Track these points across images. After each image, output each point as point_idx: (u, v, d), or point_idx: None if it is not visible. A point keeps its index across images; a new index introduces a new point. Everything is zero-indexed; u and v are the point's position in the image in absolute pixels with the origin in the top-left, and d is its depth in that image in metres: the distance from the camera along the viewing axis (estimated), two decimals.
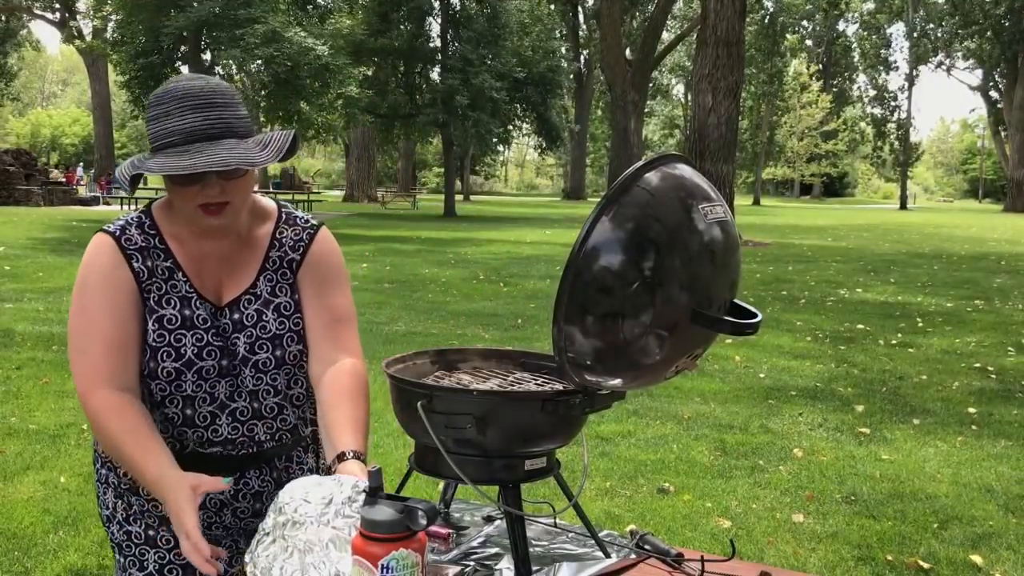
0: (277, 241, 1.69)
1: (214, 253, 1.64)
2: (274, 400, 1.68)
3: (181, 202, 1.55)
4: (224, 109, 1.52)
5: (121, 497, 1.69)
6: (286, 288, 1.68)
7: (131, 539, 1.69)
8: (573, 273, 1.28)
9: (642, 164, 1.33)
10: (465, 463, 1.46)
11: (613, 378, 1.38)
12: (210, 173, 1.50)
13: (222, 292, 1.65)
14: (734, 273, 1.40)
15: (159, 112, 1.51)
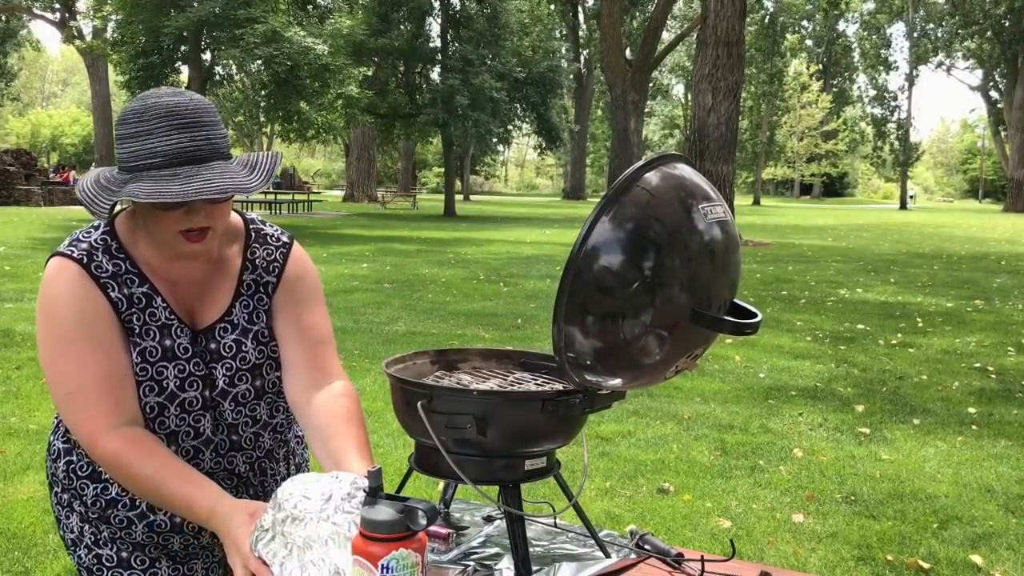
0: (250, 263, 1.60)
1: (187, 277, 1.54)
2: (252, 431, 1.62)
3: (159, 228, 1.44)
4: (211, 129, 1.42)
5: (88, 522, 1.60)
6: (263, 314, 1.59)
7: (102, 563, 1.60)
8: (573, 273, 1.28)
9: (642, 164, 1.33)
10: (465, 463, 1.46)
11: (613, 378, 1.38)
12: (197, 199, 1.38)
13: (196, 318, 1.55)
14: (734, 273, 1.40)
15: (139, 130, 1.39)
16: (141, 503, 1.56)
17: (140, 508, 1.57)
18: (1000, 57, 53.37)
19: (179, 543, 1.61)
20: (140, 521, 1.57)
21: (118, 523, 1.57)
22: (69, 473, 1.60)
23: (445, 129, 29.52)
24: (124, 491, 1.55)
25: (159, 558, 1.61)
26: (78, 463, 1.59)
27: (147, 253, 1.51)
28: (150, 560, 1.60)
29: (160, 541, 1.60)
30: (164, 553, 1.62)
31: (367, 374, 6.54)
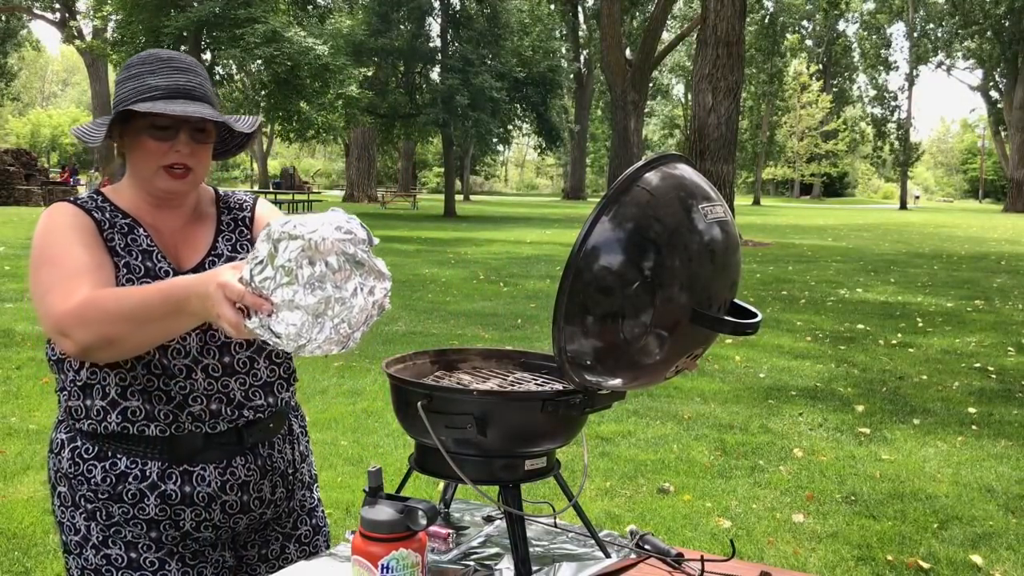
0: (225, 207, 1.75)
1: (170, 225, 1.66)
2: (246, 354, 1.65)
3: (145, 162, 1.57)
4: (204, 80, 1.61)
5: (93, 517, 1.60)
6: (245, 245, 1.71)
7: (111, 563, 1.60)
8: (573, 273, 1.28)
9: (642, 164, 1.33)
10: (465, 463, 1.46)
11: (613, 378, 1.38)
12: (184, 131, 1.55)
13: (181, 261, 1.65)
14: (734, 273, 1.40)
15: (142, 71, 1.57)
16: (152, 473, 1.57)
17: (151, 478, 1.58)
18: (1000, 57, 53.35)
19: (191, 517, 1.60)
20: (152, 492, 1.58)
21: (130, 499, 1.58)
22: (75, 460, 1.61)
23: (445, 129, 29.51)
24: (133, 463, 1.57)
25: (167, 559, 1.61)
26: (83, 447, 1.60)
27: (131, 204, 1.64)
28: (159, 561, 1.60)
29: (172, 516, 1.59)
30: (176, 538, 1.61)
31: (367, 374, 6.54)
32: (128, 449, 1.58)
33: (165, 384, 1.57)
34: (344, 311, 1.21)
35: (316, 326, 1.21)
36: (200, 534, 1.63)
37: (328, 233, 1.20)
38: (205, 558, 1.65)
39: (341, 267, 1.21)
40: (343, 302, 1.21)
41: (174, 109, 1.51)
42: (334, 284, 1.20)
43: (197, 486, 1.59)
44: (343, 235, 1.22)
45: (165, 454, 1.58)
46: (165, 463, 1.58)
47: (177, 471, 1.59)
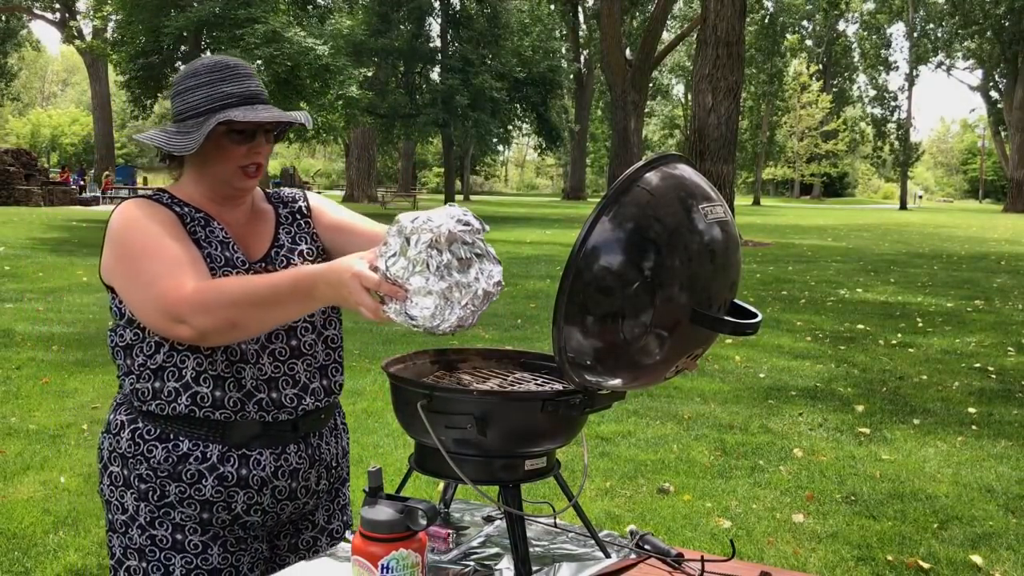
0: (279, 202, 1.84)
1: (234, 220, 1.75)
2: (311, 336, 1.74)
3: (223, 165, 1.66)
4: (261, 84, 1.72)
5: (145, 497, 1.66)
6: (305, 237, 1.80)
7: (155, 543, 1.66)
8: (573, 273, 1.28)
9: (642, 164, 1.33)
10: (465, 463, 1.46)
11: (613, 378, 1.38)
12: (260, 133, 1.66)
13: (250, 252, 1.73)
14: (734, 273, 1.40)
15: (215, 78, 1.65)
16: (212, 456, 1.64)
17: (211, 460, 1.64)
18: (1000, 57, 53.35)
19: (243, 500, 1.67)
20: (210, 474, 1.64)
21: (188, 478, 1.64)
22: (135, 440, 1.67)
23: (445, 129, 29.53)
24: (195, 445, 1.64)
25: (210, 544, 1.67)
26: (144, 428, 1.67)
27: (196, 201, 1.71)
28: (202, 544, 1.66)
29: (227, 497, 1.66)
30: (224, 521, 1.67)
31: (367, 374, 6.54)
32: (191, 432, 1.64)
33: (239, 371, 1.65)
34: (469, 294, 1.37)
35: (447, 308, 1.37)
36: (249, 518, 1.70)
37: (451, 226, 1.36)
38: (244, 547, 1.72)
39: (464, 255, 1.37)
40: (468, 286, 1.37)
41: (267, 116, 1.62)
42: (459, 270, 1.36)
43: (253, 470, 1.67)
44: (463, 227, 1.38)
45: (225, 438, 1.65)
46: (225, 446, 1.65)
47: (235, 454, 1.66)
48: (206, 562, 1.66)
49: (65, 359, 6.97)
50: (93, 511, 3.97)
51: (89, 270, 12.46)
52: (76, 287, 10.87)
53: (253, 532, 1.73)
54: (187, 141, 1.61)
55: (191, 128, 1.63)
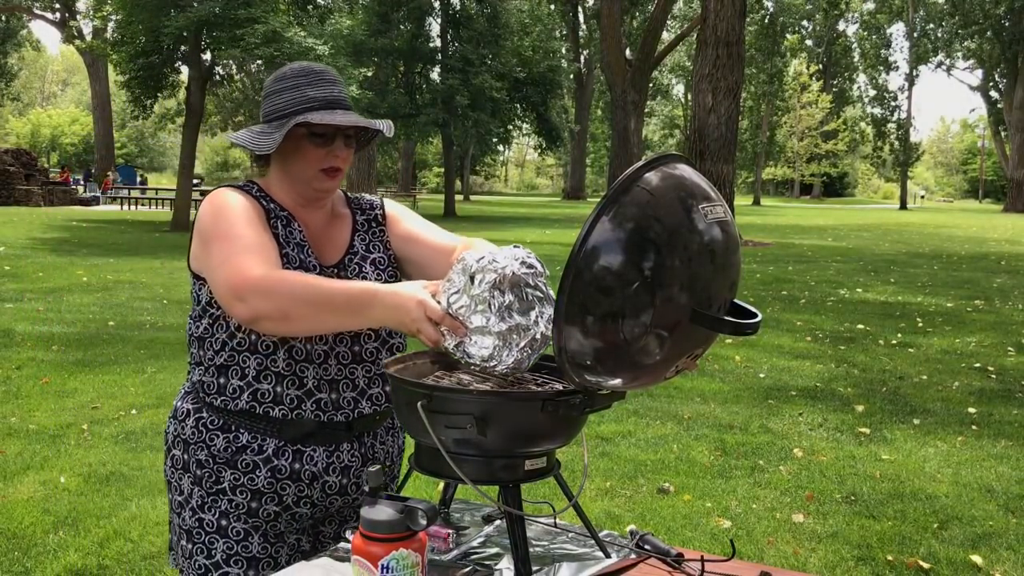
0: (358, 209, 1.90)
1: (314, 223, 1.81)
2: (373, 344, 1.79)
3: (304, 166, 1.74)
4: (345, 90, 1.79)
5: (200, 482, 1.75)
6: (378, 245, 1.86)
7: (202, 527, 1.76)
8: (573, 273, 1.28)
9: (642, 164, 1.33)
10: (465, 463, 1.46)
11: (613, 378, 1.38)
12: (339, 137, 1.73)
13: (324, 257, 1.80)
14: (734, 273, 1.40)
15: (300, 82, 1.73)
16: (268, 449, 1.72)
17: (267, 453, 1.73)
18: (1000, 57, 53.33)
19: (294, 492, 1.74)
20: (264, 465, 1.73)
21: (243, 467, 1.73)
22: (198, 428, 1.76)
23: (445, 129, 29.51)
24: (254, 438, 1.72)
25: (252, 532, 1.75)
26: (208, 418, 1.76)
27: (282, 200, 1.79)
28: (244, 532, 1.75)
29: (278, 489, 1.73)
30: (272, 513, 1.75)
31: None
32: (251, 426, 1.73)
33: (302, 370, 1.72)
34: (527, 337, 1.42)
35: (505, 349, 1.42)
36: (298, 509, 1.77)
37: (515, 268, 1.41)
38: (284, 540, 1.79)
39: (525, 298, 1.42)
40: (527, 329, 1.42)
41: (344, 120, 1.69)
42: (520, 312, 1.42)
43: (305, 465, 1.74)
44: (527, 269, 1.43)
45: (282, 434, 1.73)
46: (281, 441, 1.73)
47: (290, 449, 1.73)
48: (246, 549, 1.75)
49: (65, 359, 6.97)
50: (93, 511, 3.97)
51: (89, 270, 12.47)
52: (76, 287, 10.87)
53: (298, 524, 1.81)
54: (268, 141, 1.70)
55: (273, 129, 1.72)
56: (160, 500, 4.13)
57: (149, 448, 4.86)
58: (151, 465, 4.59)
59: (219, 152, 69.74)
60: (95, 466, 4.55)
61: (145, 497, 4.15)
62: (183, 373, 6.58)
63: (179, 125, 25.60)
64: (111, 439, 5.01)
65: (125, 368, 6.70)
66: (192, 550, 1.77)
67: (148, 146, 72.05)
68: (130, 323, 8.60)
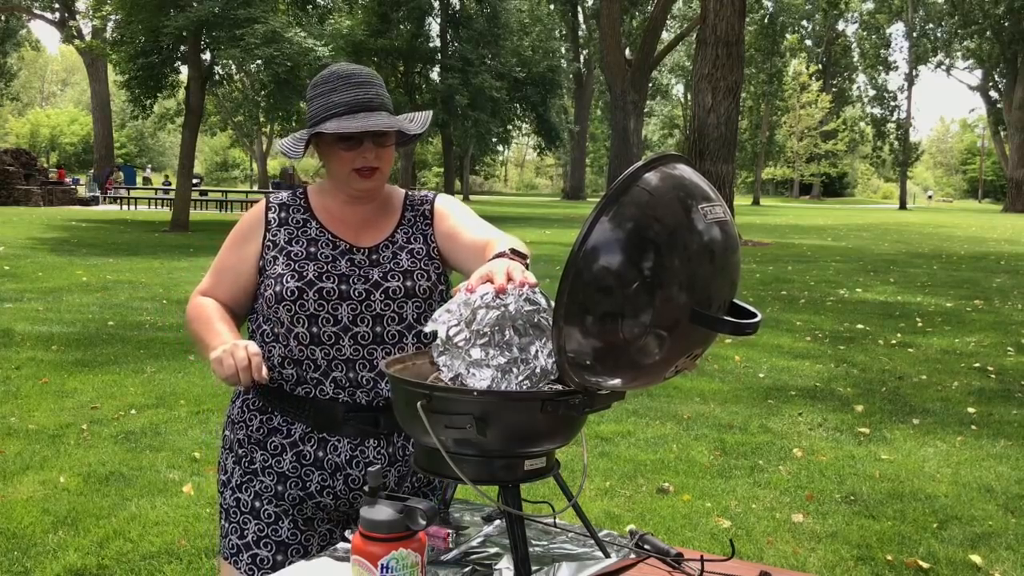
0: (409, 205, 1.98)
1: (356, 215, 1.92)
2: (396, 327, 1.84)
3: (339, 167, 1.84)
4: (380, 88, 1.85)
5: (239, 461, 1.87)
6: (419, 237, 1.93)
7: (239, 506, 1.86)
8: (573, 273, 1.28)
9: (642, 164, 1.33)
10: (465, 463, 1.46)
11: (613, 378, 1.38)
12: (367, 139, 1.80)
13: (360, 241, 1.90)
14: (734, 273, 1.40)
15: (326, 89, 1.82)
16: (295, 433, 1.83)
17: (293, 437, 1.83)
18: (999, 57, 53.34)
19: (317, 480, 1.81)
20: (291, 449, 1.83)
21: (272, 449, 1.84)
22: (243, 408, 1.90)
23: (445, 129, 29.53)
24: (285, 421, 1.84)
25: (282, 517, 1.84)
26: (252, 399, 1.90)
27: (326, 201, 1.93)
28: (275, 515, 1.84)
29: (302, 475, 1.82)
30: (297, 497, 1.83)
31: None
32: (284, 408, 1.84)
33: (312, 352, 1.80)
34: (527, 370, 1.43)
35: (504, 382, 1.43)
36: (322, 499, 1.83)
37: (519, 306, 1.43)
38: (314, 529, 1.86)
39: (526, 332, 1.43)
40: (526, 362, 1.43)
41: (350, 126, 1.76)
42: (520, 347, 1.43)
43: (329, 454, 1.81)
44: (530, 307, 1.44)
45: (311, 419, 1.81)
46: (309, 427, 1.82)
47: (316, 436, 1.82)
48: (276, 533, 1.84)
49: (65, 359, 6.97)
50: (92, 511, 3.97)
51: (89, 270, 12.47)
52: (76, 287, 10.87)
53: (326, 514, 1.86)
54: (297, 149, 1.83)
55: (304, 136, 1.83)
56: (159, 500, 4.13)
57: (148, 448, 4.86)
58: (151, 465, 4.59)
59: (219, 152, 69.74)
60: (95, 466, 4.55)
61: (144, 497, 4.15)
62: (183, 373, 6.60)
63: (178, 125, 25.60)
64: (111, 439, 5.01)
65: (124, 368, 6.70)
66: (228, 529, 1.87)
67: (148, 146, 72.05)
68: (129, 323, 8.60)
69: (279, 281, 1.81)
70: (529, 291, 1.46)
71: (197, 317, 1.87)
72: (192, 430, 5.15)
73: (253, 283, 1.89)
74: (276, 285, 1.81)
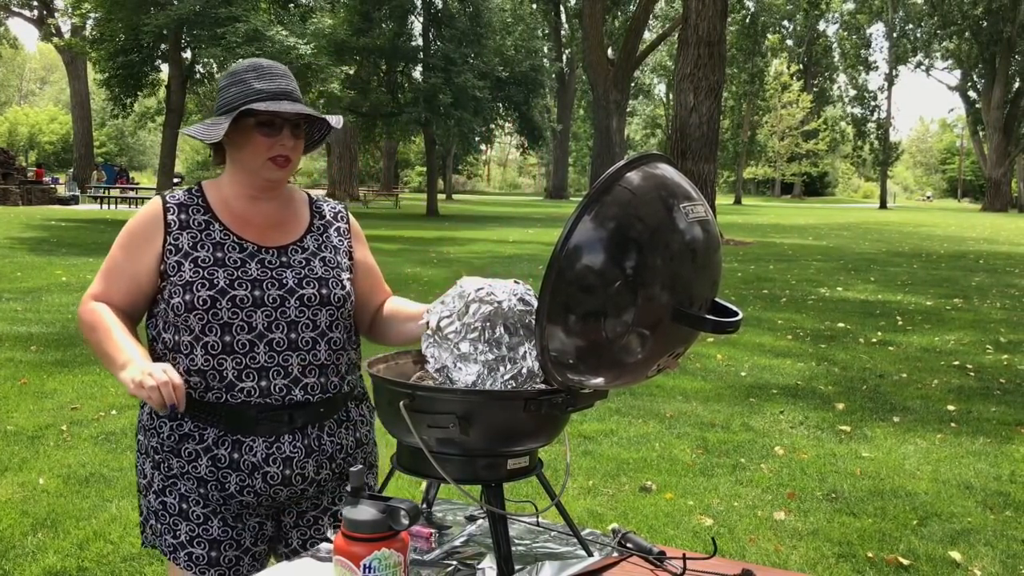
0: (317, 212, 1.97)
1: (259, 213, 1.89)
2: (311, 334, 1.82)
3: (253, 154, 1.82)
4: (295, 84, 1.88)
5: (158, 467, 1.85)
6: (329, 246, 1.93)
7: (166, 509, 1.84)
8: (555, 272, 1.28)
9: (624, 163, 1.34)
10: (447, 462, 1.45)
11: (595, 377, 1.38)
12: (286, 127, 1.81)
13: (266, 241, 1.87)
14: (715, 272, 1.41)
15: (247, 76, 1.82)
16: (208, 438, 1.81)
17: (207, 442, 1.80)
18: (978, 58, 53.75)
19: (235, 481, 1.80)
20: (205, 455, 1.81)
21: (187, 456, 1.82)
22: (152, 414, 1.87)
23: (427, 128, 29.46)
24: (195, 427, 1.81)
25: (211, 516, 1.83)
26: None
27: (227, 197, 1.89)
28: (203, 516, 1.83)
29: (220, 478, 1.80)
30: (220, 499, 1.82)
31: None
32: (193, 415, 1.80)
33: (220, 363, 1.78)
34: (514, 370, 1.45)
35: (490, 379, 1.44)
36: (243, 497, 1.82)
37: (511, 303, 1.44)
38: (244, 522, 1.85)
39: (516, 332, 1.44)
40: (514, 361, 1.45)
41: (287, 108, 1.76)
42: (509, 346, 1.44)
43: (244, 455, 1.79)
44: (523, 307, 1.45)
45: (222, 423, 1.79)
46: (221, 431, 1.80)
47: (230, 439, 1.79)
48: (207, 532, 1.83)
49: (44, 359, 6.91)
50: (72, 512, 3.94)
51: (68, 270, 12.36)
52: (55, 287, 10.78)
53: (251, 510, 1.86)
54: (217, 131, 1.77)
55: (222, 120, 1.79)
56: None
57: (129, 449, 4.83)
58: (131, 466, 4.56)
59: (199, 151, 69.32)
60: (74, 467, 4.52)
61: (125, 498, 4.12)
62: None
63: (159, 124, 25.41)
64: (90, 440, 4.97)
65: (104, 369, 6.64)
66: (160, 529, 1.86)
67: (128, 145, 71.53)
68: None
69: (188, 290, 1.77)
70: (523, 290, 1.47)
71: (95, 326, 1.81)
72: None
73: (153, 287, 1.84)
74: (185, 294, 1.77)
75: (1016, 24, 49.98)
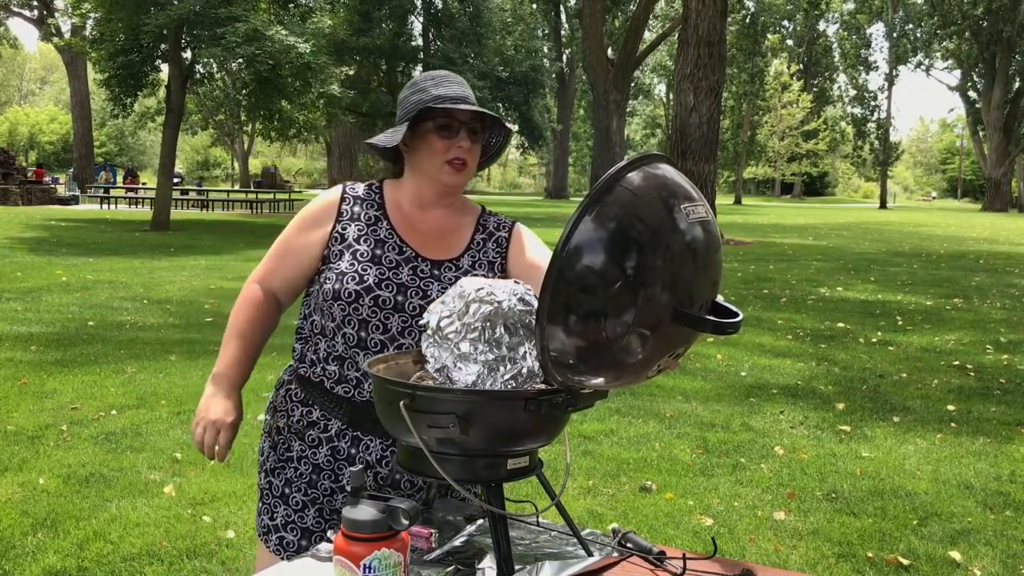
0: (482, 226, 1.99)
1: (426, 220, 1.94)
2: None
3: (431, 158, 1.87)
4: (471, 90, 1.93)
5: (275, 447, 1.95)
6: (485, 264, 1.95)
7: (271, 489, 1.94)
8: (556, 272, 1.28)
9: (624, 164, 1.34)
10: (447, 462, 1.45)
11: (596, 377, 1.38)
12: (464, 130, 1.85)
13: (426, 251, 1.91)
14: (716, 272, 1.41)
15: (428, 84, 1.88)
16: (332, 428, 1.89)
17: (330, 433, 1.89)
18: (978, 57, 53.77)
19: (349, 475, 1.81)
20: (326, 444, 1.89)
21: (310, 441, 1.91)
22: (287, 397, 1.95)
23: None
24: (323, 415, 1.89)
25: (309, 505, 1.91)
26: (294, 391, 1.95)
27: (401, 199, 1.95)
28: (303, 503, 1.91)
29: (335, 468, 1.89)
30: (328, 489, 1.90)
31: None
32: (323, 403, 1.89)
33: (355, 355, 1.85)
34: (514, 370, 1.45)
35: (489, 379, 1.45)
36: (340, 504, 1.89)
37: (511, 303, 1.45)
38: (337, 519, 1.89)
39: (516, 332, 1.45)
40: (514, 361, 1.46)
41: (463, 106, 1.83)
42: (509, 346, 1.45)
43: (362, 452, 1.87)
44: (523, 307, 1.46)
45: (346, 417, 1.87)
46: (345, 424, 1.87)
47: (351, 434, 1.88)
48: (302, 520, 1.91)
49: (44, 359, 6.91)
50: (72, 512, 3.94)
51: (68, 270, 12.37)
52: (55, 287, 10.78)
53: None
54: (396, 135, 1.86)
55: (404, 125, 1.87)
56: (140, 501, 4.10)
57: (129, 449, 4.83)
58: (131, 466, 4.56)
59: (199, 151, 69.32)
60: (74, 467, 4.52)
61: (125, 498, 4.12)
62: (163, 373, 6.55)
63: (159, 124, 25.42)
64: (90, 440, 4.97)
65: (105, 368, 6.65)
66: (261, 508, 1.96)
67: (128, 145, 71.53)
68: (109, 323, 8.53)
69: (340, 279, 1.84)
70: (523, 291, 1.47)
71: (232, 319, 1.94)
72: (173, 431, 5.12)
73: (314, 269, 1.92)
74: (336, 282, 1.84)
75: (1016, 24, 50.00)
